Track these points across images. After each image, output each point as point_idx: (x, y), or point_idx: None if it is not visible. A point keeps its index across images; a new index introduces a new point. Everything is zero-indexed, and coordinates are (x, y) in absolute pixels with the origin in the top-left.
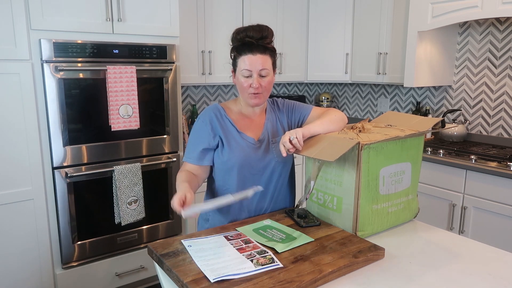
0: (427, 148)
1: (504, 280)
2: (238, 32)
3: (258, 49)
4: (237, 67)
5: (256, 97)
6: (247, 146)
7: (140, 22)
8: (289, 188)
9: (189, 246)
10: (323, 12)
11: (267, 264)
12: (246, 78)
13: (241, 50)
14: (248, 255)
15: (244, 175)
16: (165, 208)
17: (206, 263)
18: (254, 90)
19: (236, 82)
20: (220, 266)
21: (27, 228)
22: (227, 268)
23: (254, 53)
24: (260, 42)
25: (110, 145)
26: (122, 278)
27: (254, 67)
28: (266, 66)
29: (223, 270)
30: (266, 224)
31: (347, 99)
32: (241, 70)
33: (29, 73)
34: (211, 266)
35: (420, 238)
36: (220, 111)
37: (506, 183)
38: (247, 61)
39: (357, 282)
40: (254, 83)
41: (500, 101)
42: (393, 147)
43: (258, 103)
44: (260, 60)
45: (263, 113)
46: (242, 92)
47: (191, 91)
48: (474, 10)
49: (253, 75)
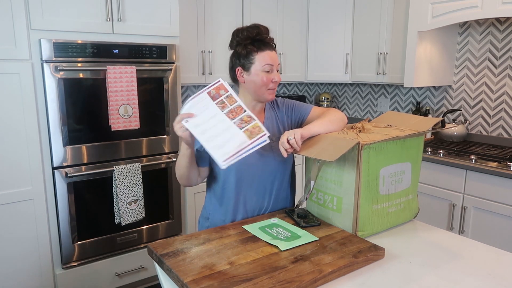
0: (427, 148)
1: (504, 280)
2: (249, 30)
3: (272, 46)
4: (254, 64)
5: (272, 93)
6: None
7: (140, 22)
8: (290, 188)
9: (186, 121)
10: (323, 12)
11: (257, 135)
12: (267, 74)
13: (259, 46)
14: (238, 122)
15: (242, 174)
16: (165, 208)
17: (210, 144)
18: (274, 85)
19: (249, 80)
20: (219, 143)
21: (27, 228)
22: (226, 146)
23: (271, 50)
24: (268, 39)
25: (110, 145)
26: (122, 278)
27: (275, 62)
28: (279, 62)
29: (224, 149)
30: (273, 222)
31: (347, 99)
32: (263, 65)
33: (29, 73)
34: (217, 149)
35: (420, 238)
36: None
37: (506, 183)
38: (267, 57)
39: (357, 282)
40: (276, 78)
41: (500, 101)
42: (393, 147)
43: (273, 97)
44: (276, 56)
45: (262, 112)
46: (259, 88)
47: (191, 91)
48: (474, 10)
49: (274, 70)
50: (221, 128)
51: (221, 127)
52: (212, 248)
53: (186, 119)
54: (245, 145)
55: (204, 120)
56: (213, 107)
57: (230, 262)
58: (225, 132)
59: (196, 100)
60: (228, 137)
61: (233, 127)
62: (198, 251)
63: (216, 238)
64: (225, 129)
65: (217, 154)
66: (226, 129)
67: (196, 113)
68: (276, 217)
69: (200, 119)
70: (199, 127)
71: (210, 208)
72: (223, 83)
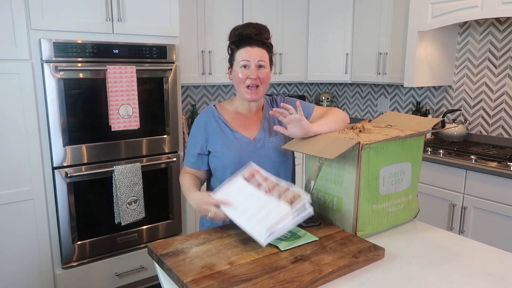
0: (427, 148)
1: (504, 280)
2: (237, 28)
3: (256, 43)
4: (235, 60)
5: (252, 92)
6: (242, 146)
7: (140, 22)
8: None
9: (224, 206)
10: (323, 12)
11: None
12: (244, 70)
13: (239, 44)
14: (276, 194)
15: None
16: (165, 208)
17: (248, 223)
18: (252, 81)
19: (233, 78)
20: (260, 221)
21: (27, 228)
22: (267, 221)
23: (252, 46)
24: (257, 37)
25: (110, 145)
26: (122, 278)
27: (252, 58)
28: (263, 59)
29: (266, 226)
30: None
31: (347, 99)
32: (239, 61)
33: (29, 73)
34: (256, 226)
35: (420, 238)
36: (214, 113)
37: (506, 183)
38: (245, 53)
39: (357, 282)
40: (252, 74)
41: (500, 101)
42: (393, 147)
43: (255, 98)
44: (258, 52)
45: (260, 111)
46: (238, 85)
47: (191, 91)
48: (474, 10)
49: (251, 66)
50: (260, 204)
51: (260, 204)
52: (212, 248)
53: (223, 207)
54: (287, 213)
55: (242, 202)
56: (249, 188)
57: (230, 262)
58: (264, 207)
59: (231, 185)
60: (267, 210)
61: (272, 200)
62: (198, 251)
63: (216, 238)
64: (264, 204)
65: (257, 234)
66: (265, 204)
67: (232, 198)
68: None
69: (238, 201)
70: (237, 209)
71: None
72: (254, 166)
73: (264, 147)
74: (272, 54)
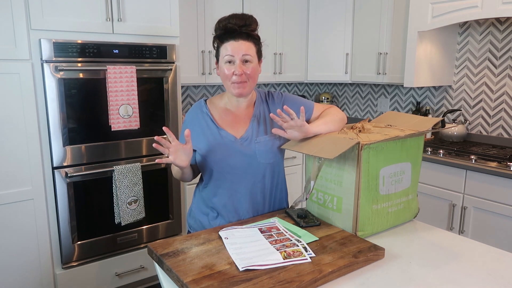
0: (427, 148)
1: (504, 280)
2: (221, 21)
3: (241, 36)
4: (220, 55)
5: (239, 87)
6: (226, 144)
7: (140, 22)
8: (282, 190)
9: (226, 238)
10: (323, 12)
11: (295, 258)
12: (229, 66)
13: (224, 38)
14: (278, 246)
15: (223, 175)
16: (165, 208)
17: (237, 251)
18: (237, 78)
19: (219, 73)
20: (249, 256)
21: (27, 228)
22: (255, 258)
23: (236, 40)
24: (243, 29)
25: (110, 145)
26: (122, 278)
27: (237, 53)
28: (249, 53)
29: (251, 260)
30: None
31: (347, 99)
32: (223, 57)
33: (29, 73)
34: (242, 255)
35: (420, 238)
36: (202, 109)
37: (506, 183)
38: (229, 47)
39: (357, 282)
40: (237, 70)
41: (500, 101)
42: (393, 147)
43: (242, 93)
44: (243, 46)
45: (250, 107)
46: (225, 81)
47: (191, 91)
48: (474, 10)
49: (236, 61)
50: (258, 248)
51: (258, 248)
52: (212, 248)
53: (226, 236)
54: (276, 262)
55: (245, 242)
56: (258, 235)
57: (230, 262)
58: (259, 251)
59: (243, 230)
60: (260, 253)
61: (271, 247)
62: (198, 251)
63: (216, 238)
64: (261, 249)
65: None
66: (262, 249)
67: (237, 233)
68: (276, 217)
69: (240, 240)
70: (236, 244)
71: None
72: (277, 225)
73: (251, 146)
74: (260, 46)
